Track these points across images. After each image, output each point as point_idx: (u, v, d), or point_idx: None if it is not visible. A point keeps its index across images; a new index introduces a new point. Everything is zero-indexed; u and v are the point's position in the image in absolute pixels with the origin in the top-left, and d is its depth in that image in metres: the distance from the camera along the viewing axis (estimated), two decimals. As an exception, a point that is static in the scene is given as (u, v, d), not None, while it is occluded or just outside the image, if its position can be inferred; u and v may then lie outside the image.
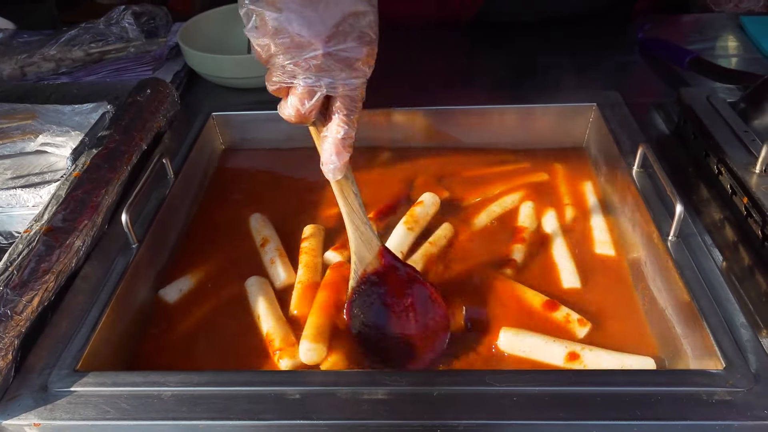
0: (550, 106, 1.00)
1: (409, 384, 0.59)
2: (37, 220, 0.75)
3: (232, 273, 0.83)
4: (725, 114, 0.89)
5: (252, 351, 0.72)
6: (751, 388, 0.58)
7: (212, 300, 0.80)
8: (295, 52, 0.59)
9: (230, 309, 0.78)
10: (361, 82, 0.62)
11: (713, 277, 0.69)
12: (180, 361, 0.72)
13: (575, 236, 0.86)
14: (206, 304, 0.79)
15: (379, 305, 0.72)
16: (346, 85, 0.62)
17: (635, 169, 0.85)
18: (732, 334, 0.62)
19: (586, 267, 0.81)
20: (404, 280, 0.72)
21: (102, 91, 1.09)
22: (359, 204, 0.70)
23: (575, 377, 0.61)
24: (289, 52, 0.59)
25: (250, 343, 0.73)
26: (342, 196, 0.69)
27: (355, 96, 0.63)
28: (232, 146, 1.07)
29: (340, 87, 0.62)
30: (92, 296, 0.70)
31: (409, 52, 1.31)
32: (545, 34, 1.32)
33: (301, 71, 0.60)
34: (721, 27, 1.34)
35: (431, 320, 0.71)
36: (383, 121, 1.02)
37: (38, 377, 0.62)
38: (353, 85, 0.62)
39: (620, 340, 0.71)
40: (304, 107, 0.62)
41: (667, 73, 1.17)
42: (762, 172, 0.78)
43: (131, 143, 0.90)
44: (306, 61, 0.59)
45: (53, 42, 1.22)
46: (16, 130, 0.97)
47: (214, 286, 0.81)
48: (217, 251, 0.86)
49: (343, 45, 0.60)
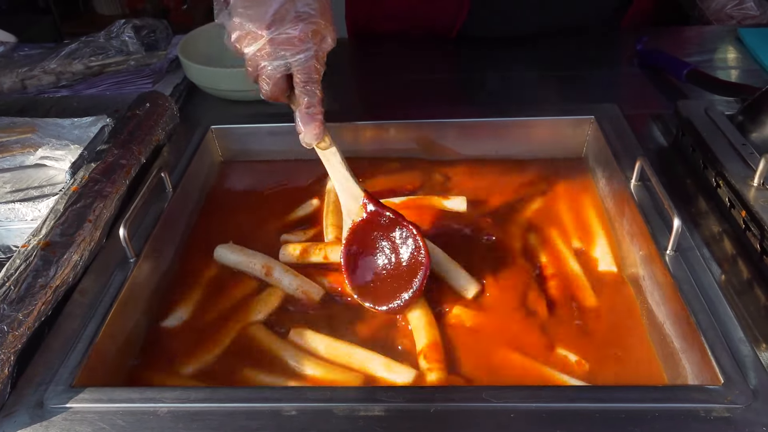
0: (547, 118, 1.00)
1: (405, 400, 0.59)
2: (35, 234, 0.75)
3: (231, 285, 0.83)
4: (723, 127, 0.89)
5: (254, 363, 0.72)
6: (749, 404, 0.57)
7: (212, 313, 0.79)
8: (250, 44, 0.71)
9: (229, 321, 0.78)
10: (309, 55, 0.71)
11: (711, 291, 0.69)
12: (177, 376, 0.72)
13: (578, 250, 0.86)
14: (205, 317, 0.79)
15: (366, 249, 0.78)
16: (296, 62, 0.71)
17: (633, 182, 0.85)
18: (730, 349, 0.62)
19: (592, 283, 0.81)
20: (387, 224, 0.77)
21: (102, 104, 1.09)
22: (340, 161, 0.78)
23: (574, 393, 0.60)
24: (247, 46, 0.72)
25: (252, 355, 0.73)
26: (323, 158, 0.78)
27: (309, 68, 0.71)
28: (232, 159, 1.07)
29: (292, 64, 0.71)
30: (89, 311, 0.70)
31: (403, 65, 1.31)
32: (540, 49, 1.32)
33: (259, 59, 0.72)
34: (719, 39, 1.34)
35: (412, 258, 0.75)
36: (378, 135, 1.02)
37: (34, 393, 0.62)
38: (302, 60, 0.71)
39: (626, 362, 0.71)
40: (269, 86, 0.73)
41: (666, 85, 1.17)
42: (760, 185, 0.78)
43: (130, 157, 0.90)
44: (259, 49, 0.71)
45: (54, 55, 1.22)
46: (15, 144, 0.97)
47: (213, 299, 0.81)
48: (216, 265, 0.86)
49: (282, 28, 0.70)
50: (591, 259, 0.84)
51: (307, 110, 0.73)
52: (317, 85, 0.73)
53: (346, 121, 1.02)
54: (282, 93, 0.74)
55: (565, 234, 0.88)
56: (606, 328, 0.75)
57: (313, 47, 0.71)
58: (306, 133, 0.74)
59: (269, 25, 0.70)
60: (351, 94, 1.27)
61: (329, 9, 0.74)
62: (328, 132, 0.76)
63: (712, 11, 1.49)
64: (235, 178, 1.05)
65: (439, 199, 0.92)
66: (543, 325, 0.75)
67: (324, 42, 0.73)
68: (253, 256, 0.84)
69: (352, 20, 1.48)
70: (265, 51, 0.71)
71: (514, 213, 0.92)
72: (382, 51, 1.39)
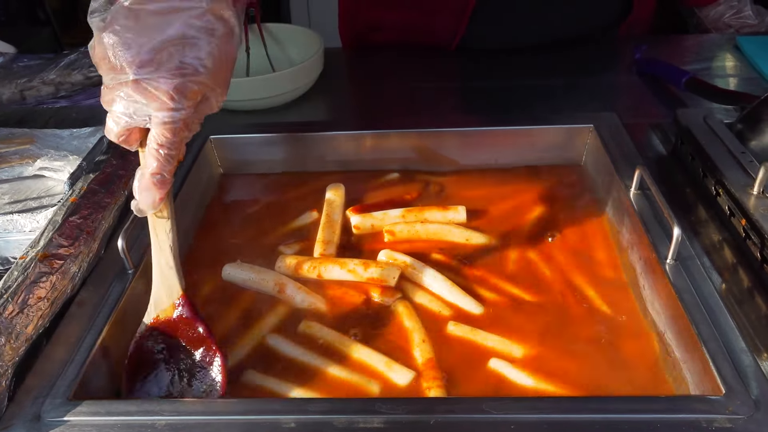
0: (547, 127, 1.00)
1: (405, 412, 0.59)
2: (33, 246, 0.75)
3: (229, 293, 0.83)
4: (722, 135, 0.89)
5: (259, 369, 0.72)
6: (751, 414, 0.57)
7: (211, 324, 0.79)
8: (110, 74, 0.57)
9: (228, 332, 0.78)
10: (174, 117, 0.58)
11: (712, 300, 0.68)
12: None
13: (578, 260, 0.85)
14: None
15: (158, 357, 0.68)
16: (155, 118, 0.58)
17: (633, 191, 0.85)
18: (732, 359, 0.62)
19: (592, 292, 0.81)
20: (194, 338, 0.68)
21: (100, 114, 1.08)
22: (170, 244, 0.66)
23: (574, 404, 0.60)
24: (106, 72, 0.57)
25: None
26: (153, 230, 0.66)
27: (172, 130, 0.59)
28: (231, 169, 1.07)
29: (152, 118, 0.58)
30: (88, 323, 0.70)
31: (401, 74, 1.32)
32: (539, 58, 1.32)
33: (114, 92, 0.57)
34: (718, 47, 1.35)
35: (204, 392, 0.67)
36: (377, 144, 1.02)
37: (31, 406, 0.61)
38: (162, 120, 0.58)
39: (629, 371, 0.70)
40: (112, 132, 0.60)
41: (665, 93, 1.17)
42: (760, 193, 0.78)
43: (128, 167, 0.90)
44: (119, 83, 0.57)
45: (53, 66, 1.23)
46: (14, 155, 0.97)
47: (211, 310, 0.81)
48: (215, 276, 0.86)
49: (154, 74, 0.56)
50: (591, 268, 0.84)
51: (152, 177, 0.61)
52: (175, 152, 0.60)
53: (344, 130, 1.02)
54: (134, 141, 0.62)
55: (565, 243, 0.88)
56: (609, 337, 0.74)
57: (184, 109, 0.58)
58: (141, 200, 0.63)
59: (141, 62, 0.56)
60: (349, 102, 1.27)
61: (226, 68, 0.62)
62: (170, 204, 0.65)
63: (711, 20, 1.50)
64: (234, 188, 1.04)
65: (439, 210, 0.92)
66: (542, 334, 0.75)
67: (205, 105, 0.61)
68: (265, 274, 0.82)
69: (346, 33, 1.48)
70: (124, 90, 0.57)
71: (514, 223, 0.92)
72: (380, 60, 1.39)
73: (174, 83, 0.57)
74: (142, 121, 0.58)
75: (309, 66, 1.17)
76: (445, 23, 1.34)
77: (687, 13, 1.57)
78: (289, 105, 1.19)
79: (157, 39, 0.57)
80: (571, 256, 0.86)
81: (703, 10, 1.51)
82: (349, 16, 1.46)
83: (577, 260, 0.85)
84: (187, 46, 0.58)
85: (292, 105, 1.19)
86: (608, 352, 0.72)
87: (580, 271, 0.83)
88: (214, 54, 0.59)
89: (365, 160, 1.03)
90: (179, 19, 0.57)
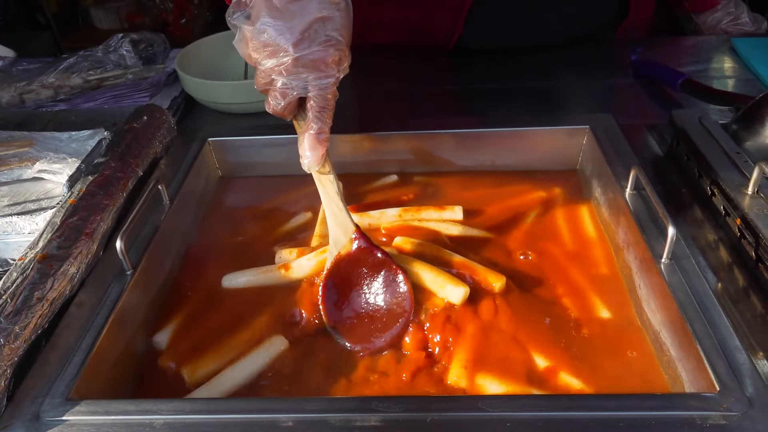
0: (543, 129, 1.01)
1: (402, 410, 0.59)
2: (32, 247, 0.75)
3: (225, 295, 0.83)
4: (717, 135, 0.90)
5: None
6: (745, 411, 0.57)
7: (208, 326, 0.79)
8: (270, 57, 0.68)
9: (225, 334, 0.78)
10: (331, 82, 0.69)
11: (707, 299, 0.69)
12: (174, 388, 0.72)
13: (574, 259, 0.86)
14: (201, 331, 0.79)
15: (349, 284, 0.77)
16: (316, 86, 0.69)
17: (628, 191, 0.85)
18: (726, 357, 0.62)
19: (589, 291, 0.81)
20: (375, 263, 0.76)
21: (99, 117, 1.10)
22: (336, 191, 0.76)
23: (569, 402, 0.60)
24: (267, 58, 0.68)
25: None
26: (320, 184, 0.76)
27: (327, 95, 0.70)
28: (229, 171, 1.07)
29: (311, 87, 0.69)
30: (86, 323, 0.70)
31: (398, 76, 1.32)
32: (536, 60, 1.33)
33: (276, 74, 0.68)
34: (714, 49, 1.35)
35: (395, 303, 0.75)
36: (374, 146, 1.03)
37: (30, 406, 0.61)
38: (323, 85, 0.69)
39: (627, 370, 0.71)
40: (279, 105, 0.70)
41: (661, 95, 1.18)
42: (754, 193, 0.78)
43: (127, 170, 0.90)
44: (279, 65, 0.67)
45: (52, 69, 1.23)
46: (13, 158, 0.97)
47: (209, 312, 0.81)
48: (213, 278, 0.86)
49: (309, 49, 0.67)
50: (587, 268, 0.84)
51: (318, 136, 0.70)
52: (331, 113, 0.71)
53: (342, 133, 1.02)
54: (291, 112, 0.72)
55: (561, 242, 0.88)
56: (605, 335, 0.75)
57: (335, 74, 0.69)
58: (311, 158, 0.72)
59: (297, 42, 0.67)
60: (346, 105, 1.26)
61: (350, 35, 0.71)
62: (330, 159, 0.75)
63: (708, 26, 1.51)
64: (232, 191, 1.05)
65: (435, 209, 0.92)
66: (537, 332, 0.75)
67: (344, 69, 0.71)
68: (264, 267, 0.84)
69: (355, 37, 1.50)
70: (285, 67, 0.67)
71: (511, 223, 0.92)
72: (378, 62, 1.40)
73: (330, 52, 0.68)
74: (303, 90, 0.69)
75: (307, 69, 1.17)
76: (443, 21, 1.35)
77: (684, 19, 1.58)
78: (287, 107, 1.19)
79: (304, 20, 0.67)
80: (566, 255, 0.86)
81: (701, 15, 1.52)
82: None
83: (573, 259, 0.85)
84: (327, 22, 0.68)
85: (290, 107, 1.20)
86: (603, 351, 0.72)
87: (575, 270, 0.83)
88: (345, 25, 0.70)
89: (363, 162, 1.03)
90: (313, 1, 0.68)
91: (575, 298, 0.80)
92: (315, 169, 0.73)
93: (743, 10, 1.49)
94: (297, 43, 0.67)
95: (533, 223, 0.92)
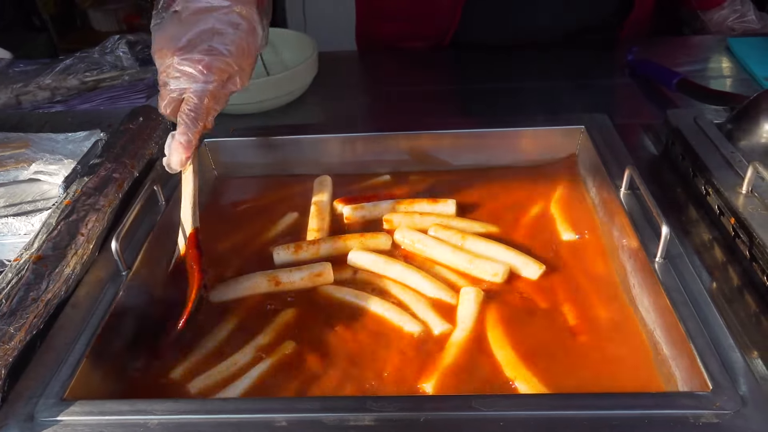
0: (539, 128, 1.01)
1: (395, 410, 0.59)
2: (27, 248, 0.76)
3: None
4: (712, 135, 0.90)
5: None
6: (738, 410, 0.57)
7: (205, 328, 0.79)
8: (160, 59, 0.76)
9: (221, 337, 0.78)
10: (203, 88, 0.74)
11: (701, 298, 0.69)
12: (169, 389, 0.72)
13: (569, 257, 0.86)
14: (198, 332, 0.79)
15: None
16: (190, 89, 0.74)
17: (623, 191, 0.85)
18: (719, 355, 0.62)
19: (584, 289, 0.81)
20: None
21: (95, 119, 1.10)
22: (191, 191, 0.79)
23: (562, 401, 0.60)
24: (158, 59, 0.76)
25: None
26: (184, 182, 0.80)
27: (199, 100, 0.74)
28: (224, 171, 1.07)
29: (187, 92, 0.74)
30: (81, 324, 0.70)
31: (396, 77, 1.33)
32: (532, 60, 1.33)
33: (164, 75, 0.75)
34: (709, 49, 1.36)
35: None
36: (371, 146, 1.03)
37: (25, 406, 0.61)
38: (196, 90, 0.74)
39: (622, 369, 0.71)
40: (161, 105, 0.76)
41: (657, 94, 1.18)
42: (748, 192, 0.78)
43: (123, 170, 0.90)
44: (166, 67, 0.75)
45: (49, 71, 1.23)
46: (9, 159, 0.98)
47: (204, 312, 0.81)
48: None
49: (189, 55, 0.74)
50: (581, 267, 0.84)
51: (179, 137, 0.75)
52: (200, 117, 0.74)
53: (338, 133, 1.02)
54: (173, 114, 0.76)
55: (555, 241, 0.88)
56: (599, 333, 0.75)
57: (211, 83, 0.74)
58: (173, 161, 0.76)
59: (179, 48, 0.74)
60: (343, 106, 1.27)
61: (248, 56, 0.78)
62: (195, 160, 0.79)
63: (714, 23, 1.52)
64: (228, 191, 1.05)
65: (428, 202, 0.93)
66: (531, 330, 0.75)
67: (230, 83, 0.77)
68: (251, 279, 0.83)
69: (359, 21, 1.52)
70: (169, 71, 0.74)
71: (506, 222, 0.92)
72: (374, 63, 1.41)
73: (204, 60, 0.74)
74: (179, 93, 0.74)
75: (303, 70, 1.17)
76: (442, 8, 1.36)
77: (690, 17, 1.58)
78: (284, 108, 1.20)
79: (193, 31, 0.75)
80: (561, 254, 0.86)
81: (707, 13, 1.53)
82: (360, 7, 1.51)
83: (568, 258, 0.85)
84: (216, 35, 0.76)
85: (286, 108, 1.20)
86: (598, 349, 0.73)
87: (569, 268, 0.83)
88: (237, 42, 0.76)
89: (359, 162, 1.03)
90: (211, 16, 0.76)
91: (570, 296, 0.80)
92: (176, 170, 0.78)
93: (750, 8, 1.50)
94: (179, 49, 0.74)
95: (528, 222, 0.92)
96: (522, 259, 0.83)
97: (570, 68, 1.31)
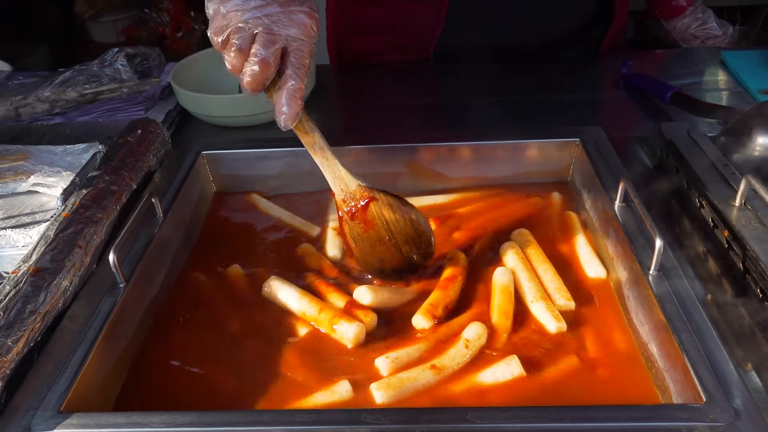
0: (534, 141, 1.02)
1: (391, 422, 0.59)
2: (25, 260, 0.76)
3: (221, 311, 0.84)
4: (706, 148, 0.91)
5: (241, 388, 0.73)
6: (731, 422, 0.58)
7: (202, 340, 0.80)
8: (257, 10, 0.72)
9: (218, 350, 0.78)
10: (309, 42, 0.74)
11: (694, 310, 0.69)
12: (167, 400, 0.72)
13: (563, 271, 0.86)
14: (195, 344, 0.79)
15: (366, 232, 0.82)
16: (299, 40, 0.73)
17: (617, 204, 0.86)
18: (713, 368, 0.63)
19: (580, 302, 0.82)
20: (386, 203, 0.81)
21: (94, 131, 1.11)
22: (325, 145, 0.80)
23: (558, 414, 0.61)
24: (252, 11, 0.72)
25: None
26: (309, 145, 0.80)
27: (305, 52, 0.74)
28: (223, 185, 1.07)
29: (294, 41, 0.73)
30: (78, 337, 0.70)
31: (388, 90, 1.33)
32: (525, 72, 1.34)
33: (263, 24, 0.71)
34: (703, 62, 1.37)
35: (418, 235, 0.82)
36: (367, 160, 1.03)
37: (22, 419, 0.62)
38: (305, 43, 0.74)
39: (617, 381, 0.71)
40: (267, 52, 0.71)
41: (651, 107, 1.19)
42: (742, 205, 0.79)
43: (121, 183, 0.91)
44: (267, 16, 0.72)
45: (48, 83, 1.24)
46: (8, 171, 0.98)
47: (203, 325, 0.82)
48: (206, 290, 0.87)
49: (300, 8, 0.73)
50: (576, 279, 0.85)
51: (294, 91, 0.73)
52: (306, 73, 0.74)
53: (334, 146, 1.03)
54: (270, 75, 0.73)
55: (551, 253, 0.89)
56: (593, 346, 0.75)
57: (314, 36, 0.75)
58: (287, 114, 0.74)
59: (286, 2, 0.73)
60: (341, 118, 1.28)
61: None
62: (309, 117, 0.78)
63: (678, 32, 1.56)
64: (227, 205, 1.05)
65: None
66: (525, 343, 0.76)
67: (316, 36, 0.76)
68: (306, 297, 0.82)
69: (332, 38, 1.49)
70: (275, 18, 0.72)
71: (500, 234, 0.93)
72: (366, 76, 1.41)
73: (315, 17, 0.75)
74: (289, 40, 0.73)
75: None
76: (425, 15, 1.35)
77: (655, 27, 1.63)
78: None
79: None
80: (555, 266, 0.87)
81: (670, 22, 1.57)
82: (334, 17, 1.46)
83: (562, 271, 0.86)
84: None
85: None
86: (592, 362, 0.73)
87: (564, 281, 0.84)
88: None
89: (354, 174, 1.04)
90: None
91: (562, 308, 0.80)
92: (291, 125, 0.76)
93: (710, 15, 1.55)
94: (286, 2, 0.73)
95: (523, 234, 0.92)
96: None
97: (563, 81, 1.32)
